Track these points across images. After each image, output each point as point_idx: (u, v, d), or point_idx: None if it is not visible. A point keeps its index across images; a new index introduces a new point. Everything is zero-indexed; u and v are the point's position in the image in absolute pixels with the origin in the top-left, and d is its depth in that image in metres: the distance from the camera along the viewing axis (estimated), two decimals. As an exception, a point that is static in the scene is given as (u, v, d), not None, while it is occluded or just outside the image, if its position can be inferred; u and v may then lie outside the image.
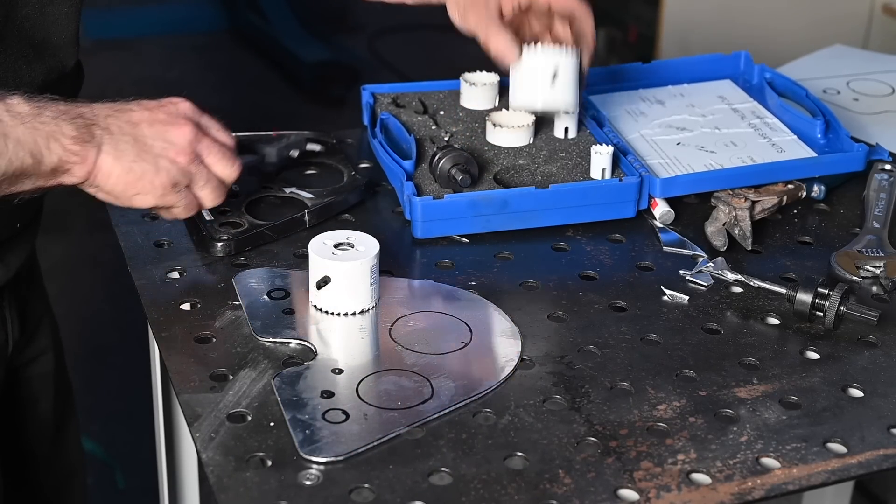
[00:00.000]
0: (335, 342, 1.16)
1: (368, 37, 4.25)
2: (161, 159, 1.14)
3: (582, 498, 0.98)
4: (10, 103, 1.07)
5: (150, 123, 1.14)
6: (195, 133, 1.16)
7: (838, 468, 1.02)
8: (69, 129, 1.09)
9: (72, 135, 1.09)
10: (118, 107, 1.14)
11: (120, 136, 1.12)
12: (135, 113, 1.14)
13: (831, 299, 1.18)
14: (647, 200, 1.37)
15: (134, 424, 2.27)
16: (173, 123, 1.15)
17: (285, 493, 0.97)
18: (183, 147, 1.15)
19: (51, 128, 1.08)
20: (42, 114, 1.08)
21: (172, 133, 1.15)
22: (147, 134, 1.14)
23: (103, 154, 1.11)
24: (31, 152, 1.06)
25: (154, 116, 1.15)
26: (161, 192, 1.15)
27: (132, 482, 2.39)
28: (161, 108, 1.16)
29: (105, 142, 1.11)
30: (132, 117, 1.14)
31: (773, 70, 1.61)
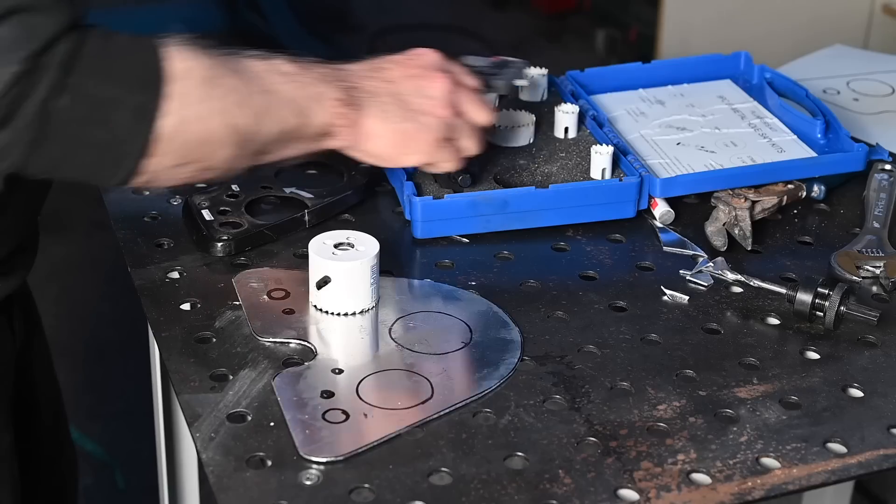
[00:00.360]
0: (335, 342, 1.16)
1: (368, 37, 4.25)
2: (424, 116, 1.14)
3: (582, 498, 0.98)
4: (274, 63, 1.06)
5: (406, 79, 1.14)
6: (451, 83, 1.15)
7: (838, 468, 1.02)
8: (333, 91, 1.09)
9: (337, 97, 1.09)
10: (372, 66, 1.14)
11: (382, 96, 1.12)
12: (390, 71, 1.14)
13: (831, 299, 1.18)
14: (647, 200, 1.37)
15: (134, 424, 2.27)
16: (428, 77, 1.14)
17: (285, 493, 0.97)
18: (442, 100, 1.15)
19: (316, 89, 1.08)
20: (306, 74, 1.07)
21: (429, 87, 1.14)
22: (406, 91, 1.14)
23: (368, 116, 1.11)
24: (300, 111, 1.06)
25: (408, 72, 1.14)
26: (428, 149, 1.16)
27: (132, 482, 2.40)
28: (412, 62, 1.15)
29: (369, 103, 1.11)
30: (389, 75, 1.13)
31: (773, 70, 1.61)
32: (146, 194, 1.38)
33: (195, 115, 1.01)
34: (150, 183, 1.04)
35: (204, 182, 1.08)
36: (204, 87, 1.01)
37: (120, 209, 1.36)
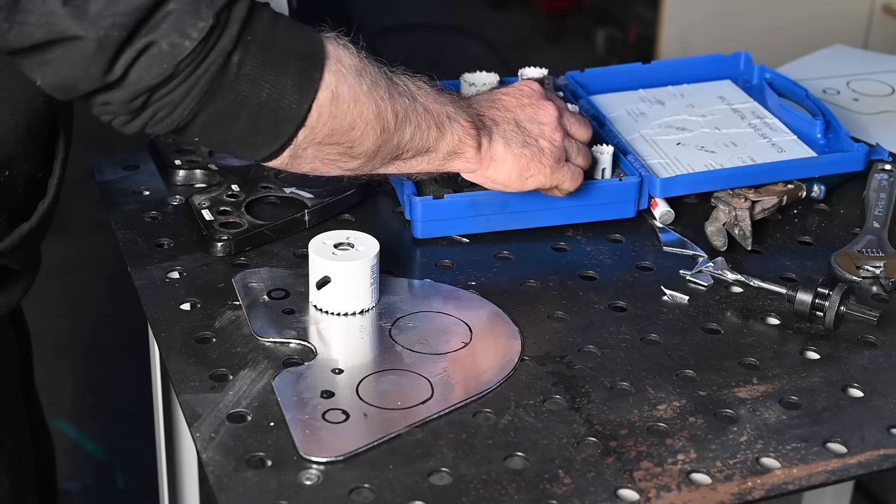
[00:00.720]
0: (335, 342, 1.16)
1: (368, 37, 4.25)
2: (542, 140, 1.21)
3: (582, 498, 0.98)
4: (416, 78, 1.14)
5: (521, 108, 1.21)
6: (558, 110, 1.24)
7: (838, 468, 1.02)
8: (465, 114, 1.16)
9: (468, 120, 1.16)
10: (489, 97, 1.22)
11: (504, 124, 1.20)
12: (505, 100, 1.22)
13: (831, 299, 1.18)
14: (647, 200, 1.37)
15: (134, 424, 2.27)
16: (538, 105, 1.22)
17: (285, 493, 0.97)
18: (554, 125, 1.22)
19: (451, 108, 1.15)
20: (443, 94, 1.15)
21: (541, 114, 1.22)
22: (522, 118, 1.21)
23: (495, 142, 1.18)
24: (436, 124, 1.13)
25: (520, 101, 1.22)
26: (550, 172, 1.21)
27: (132, 482, 2.40)
28: (522, 93, 1.23)
29: (494, 129, 1.19)
30: (506, 104, 1.21)
31: (773, 70, 1.61)
32: (146, 194, 1.38)
33: (349, 94, 1.06)
34: (293, 162, 1.08)
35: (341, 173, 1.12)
36: (355, 74, 1.07)
37: (120, 209, 1.36)
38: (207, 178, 1.40)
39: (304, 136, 1.05)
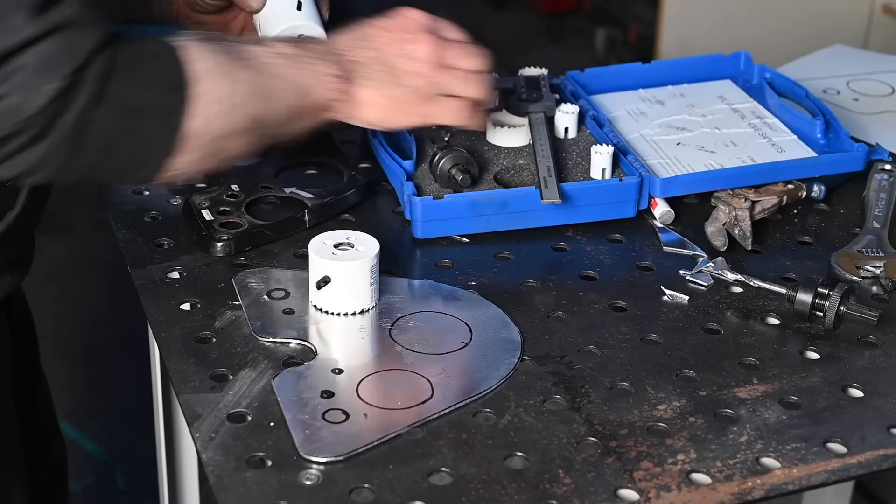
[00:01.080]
0: (335, 342, 1.16)
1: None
2: (411, 76, 1.19)
3: (582, 498, 0.98)
4: (274, 46, 1.13)
5: (395, 43, 1.19)
6: (435, 42, 1.20)
7: (838, 468, 1.02)
8: (329, 67, 1.15)
9: (332, 72, 1.15)
10: (361, 34, 1.20)
11: (371, 65, 1.18)
12: (377, 38, 1.20)
13: (831, 299, 1.18)
14: (647, 200, 1.37)
15: (134, 424, 2.27)
16: (413, 40, 1.20)
17: (285, 493, 0.97)
18: (427, 59, 1.19)
19: (314, 67, 1.14)
20: (303, 55, 1.14)
21: (415, 49, 1.19)
22: (396, 55, 1.19)
23: (362, 87, 1.17)
24: (301, 90, 1.13)
25: (396, 36, 1.20)
26: (420, 110, 1.21)
27: (132, 482, 2.40)
28: (397, 25, 1.21)
29: (361, 74, 1.17)
30: (376, 43, 1.19)
31: (773, 70, 1.61)
32: (146, 194, 1.38)
33: (217, 111, 1.06)
34: (173, 177, 1.08)
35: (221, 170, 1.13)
36: (222, 84, 1.06)
37: (120, 209, 1.36)
38: (207, 178, 1.39)
39: (180, 161, 1.06)
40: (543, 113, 1.43)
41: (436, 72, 1.20)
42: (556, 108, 1.45)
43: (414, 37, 1.20)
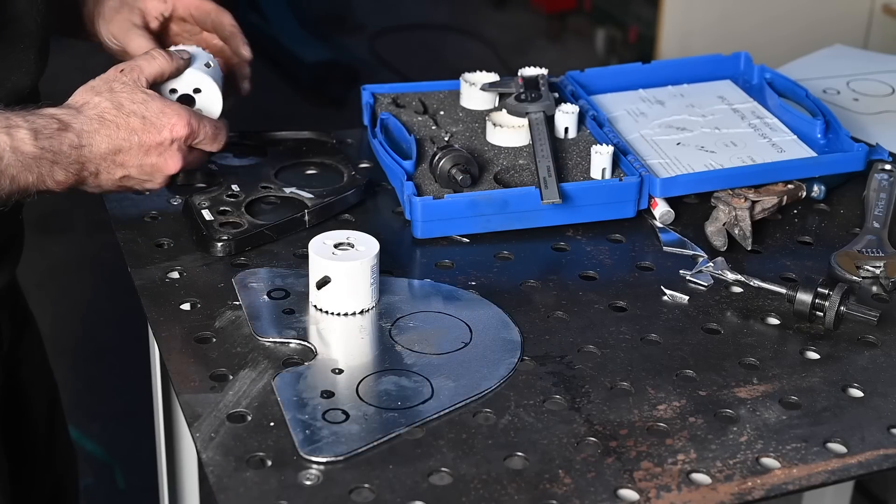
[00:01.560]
0: (335, 342, 1.16)
1: (368, 37, 4.25)
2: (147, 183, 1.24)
3: (582, 498, 0.98)
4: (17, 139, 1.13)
5: (139, 168, 1.21)
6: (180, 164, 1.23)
7: (838, 468, 1.02)
8: (61, 175, 1.16)
9: (60, 180, 1.16)
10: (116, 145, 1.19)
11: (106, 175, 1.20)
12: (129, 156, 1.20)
13: (831, 299, 1.18)
14: (647, 200, 1.37)
15: (134, 424, 2.27)
16: (162, 166, 1.22)
17: (285, 493, 0.97)
18: (163, 181, 1.24)
19: (45, 170, 1.15)
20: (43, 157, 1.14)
21: (158, 175, 1.23)
22: (133, 176, 1.22)
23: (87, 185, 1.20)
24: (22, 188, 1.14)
25: (145, 160, 1.21)
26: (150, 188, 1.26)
27: (132, 482, 2.40)
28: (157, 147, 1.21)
29: (90, 182, 1.20)
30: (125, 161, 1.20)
31: (773, 70, 1.61)
32: (146, 194, 1.38)
33: None
34: None
35: None
36: None
37: (120, 209, 1.36)
38: (207, 179, 1.39)
39: None
40: (543, 113, 1.43)
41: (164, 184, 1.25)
42: (556, 108, 1.45)
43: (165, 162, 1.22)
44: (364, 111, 1.51)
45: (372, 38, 4.24)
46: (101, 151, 1.18)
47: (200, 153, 1.26)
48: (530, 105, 1.44)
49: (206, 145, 1.26)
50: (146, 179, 1.23)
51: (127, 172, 1.21)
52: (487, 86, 1.51)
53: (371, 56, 4.13)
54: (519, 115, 1.45)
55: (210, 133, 1.25)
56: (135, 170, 1.21)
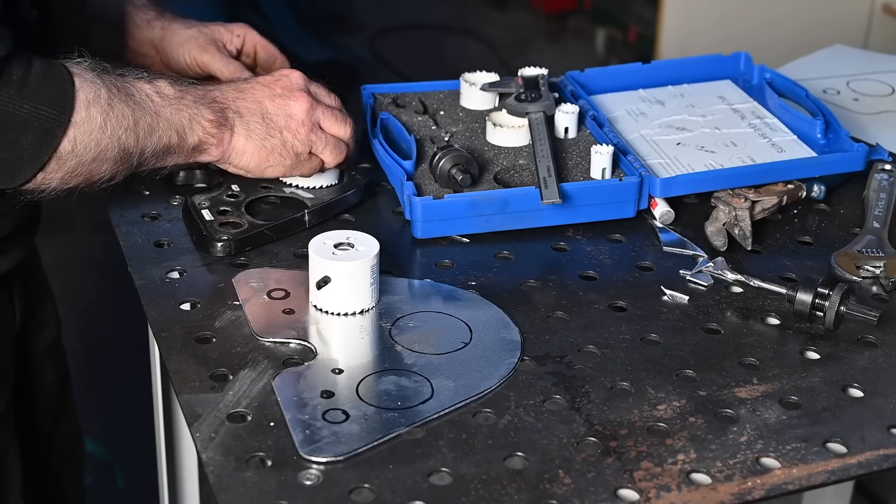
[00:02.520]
0: (335, 342, 1.16)
1: (368, 37, 4.25)
2: (286, 132, 1.27)
3: (582, 498, 0.98)
4: (158, 85, 1.21)
5: (271, 99, 1.28)
6: (310, 102, 1.29)
7: (838, 468, 1.02)
8: (207, 112, 1.23)
9: (210, 118, 1.23)
10: (242, 87, 1.28)
11: (249, 116, 1.26)
12: (257, 91, 1.28)
13: (831, 299, 1.18)
14: (647, 200, 1.37)
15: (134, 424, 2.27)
16: (290, 97, 1.28)
17: (285, 493, 0.97)
18: (302, 119, 1.28)
19: (192, 111, 1.22)
20: (185, 97, 1.22)
21: (292, 106, 1.28)
22: (270, 110, 1.27)
23: (236, 135, 1.25)
24: (178, 131, 1.21)
25: (273, 92, 1.28)
26: (289, 163, 1.29)
27: (132, 482, 2.40)
28: (277, 83, 1.29)
29: (237, 123, 1.25)
30: (255, 96, 1.27)
31: (773, 70, 1.61)
32: (146, 194, 1.38)
33: (93, 140, 1.15)
34: (35, 191, 1.16)
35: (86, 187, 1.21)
36: (102, 116, 1.15)
37: (120, 209, 1.36)
38: (207, 178, 1.40)
39: (46, 177, 1.14)
40: (543, 113, 1.43)
41: (308, 131, 1.29)
42: (556, 108, 1.45)
43: (292, 94, 1.29)
44: (364, 111, 1.51)
45: (372, 38, 4.24)
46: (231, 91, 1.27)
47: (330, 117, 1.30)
48: (530, 105, 1.44)
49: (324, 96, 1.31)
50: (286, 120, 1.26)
51: (265, 110, 1.26)
52: (487, 86, 1.51)
53: (371, 56, 4.13)
54: (519, 115, 1.45)
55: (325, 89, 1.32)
56: (271, 105, 1.26)
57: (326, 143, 1.30)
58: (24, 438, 1.42)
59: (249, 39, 1.49)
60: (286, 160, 1.28)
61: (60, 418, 1.52)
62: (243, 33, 1.49)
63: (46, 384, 1.48)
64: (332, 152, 1.31)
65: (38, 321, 1.45)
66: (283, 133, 1.27)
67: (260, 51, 1.49)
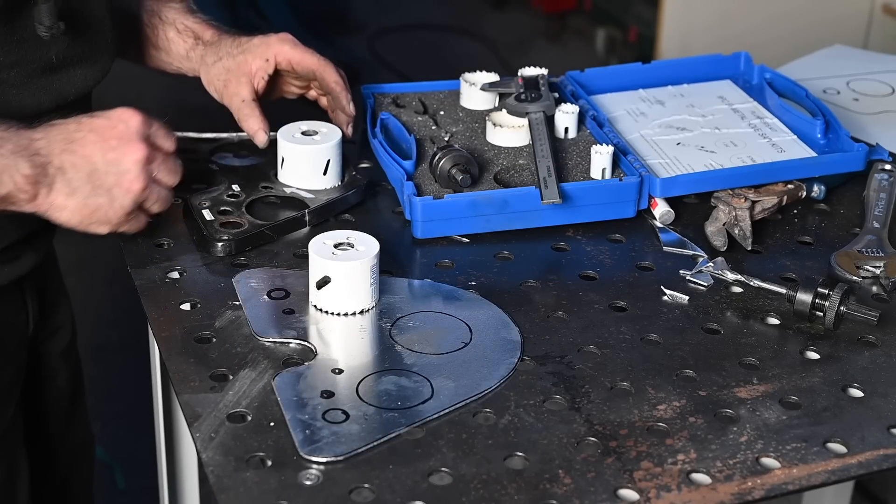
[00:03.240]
0: (335, 342, 1.16)
1: (368, 37, 4.25)
2: (115, 190, 1.17)
3: (582, 498, 0.98)
4: None
5: (103, 153, 1.16)
6: (147, 154, 1.18)
7: (838, 468, 1.02)
8: (25, 166, 1.13)
9: (26, 172, 1.13)
10: (72, 136, 1.16)
11: (73, 172, 1.15)
12: (88, 144, 1.16)
13: (831, 299, 1.18)
14: (647, 200, 1.37)
15: (134, 424, 2.26)
16: (126, 149, 1.16)
17: (285, 493, 0.97)
18: (136, 174, 1.17)
19: (8, 161, 1.12)
20: (4, 145, 1.12)
21: (125, 160, 1.16)
22: (100, 166, 1.16)
23: (56, 192, 1.15)
24: None
25: (106, 145, 1.16)
26: (116, 221, 1.19)
27: (132, 482, 2.39)
28: (113, 132, 1.17)
29: (58, 180, 1.15)
30: (86, 149, 1.15)
31: (773, 70, 1.61)
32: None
33: None
34: None
35: None
36: None
37: (120, 209, 1.36)
38: (208, 178, 1.39)
39: None
40: (543, 113, 1.43)
41: (141, 189, 1.18)
42: (556, 108, 1.45)
43: (126, 146, 1.17)
44: (364, 111, 1.51)
45: (372, 38, 4.24)
46: (59, 141, 1.15)
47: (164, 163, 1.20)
48: (530, 105, 1.44)
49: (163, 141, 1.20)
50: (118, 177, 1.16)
51: (94, 166, 1.15)
52: (487, 86, 1.51)
53: (371, 56, 4.13)
54: (519, 115, 1.45)
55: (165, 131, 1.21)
56: (102, 160, 1.15)
57: (158, 197, 1.20)
58: (33, 443, 1.42)
59: (282, 58, 1.41)
60: (113, 218, 1.18)
61: (72, 423, 1.52)
62: (273, 55, 1.40)
63: (58, 389, 1.48)
64: (161, 204, 1.22)
65: (52, 325, 1.45)
66: (111, 191, 1.16)
67: (296, 67, 1.42)
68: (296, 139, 1.37)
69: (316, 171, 1.36)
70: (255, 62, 1.40)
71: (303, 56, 1.41)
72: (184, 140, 1.45)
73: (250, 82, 1.40)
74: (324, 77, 1.42)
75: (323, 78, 1.42)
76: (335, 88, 1.43)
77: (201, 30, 1.43)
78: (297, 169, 1.37)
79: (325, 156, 1.36)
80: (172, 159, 1.22)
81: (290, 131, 1.38)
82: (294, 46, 1.41)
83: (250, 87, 1.40)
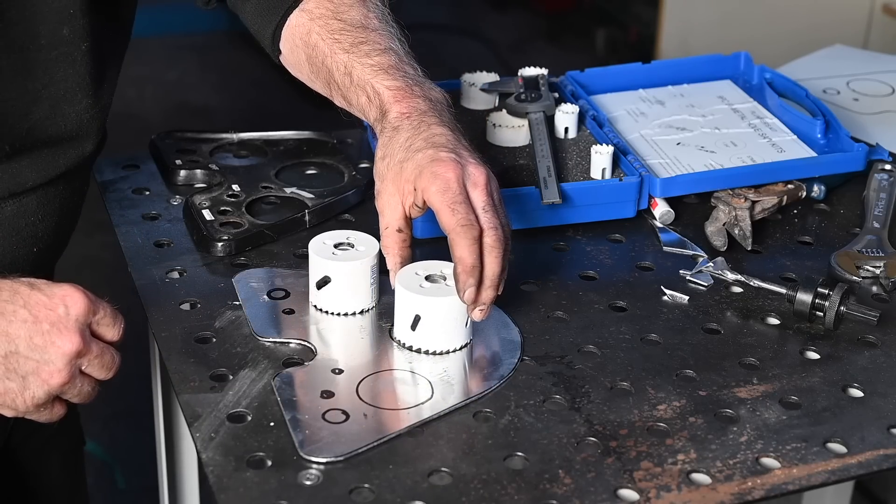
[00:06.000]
0: (335, 342, 1.16)
1: (368, 37, 4.24)
2: (31, 377, 1.04)
3: (582, 498, 0.98)
4: None
5: (29, 336, 1.03)
6: (80, 346, 1.04)
7: (838, 468, 1.02)
8: None
9: None
10: (2, 306, 1.04)
11: None
12: (15, 323, 1.03)
13: (831, 299, 1.18)
14: (647, 200, 1.37)
15: (134, 424, 2.27)
16: (56, 337, 1.04)
17: (285, 493, 0.97)
18: (60, 367, 1.04)
19: None
20: None
21: (52, 350, 1.04)
22: (21, 349, 1.03)
23: None
24: None
25: (38, 328, 1.03)
26: (24, 410, 1.06)
27: (132, 482, 2.39)
28: (48, 316, 1.04)
29: None
30: (11, 328, 1.03)
31: (773, 70, 1.61)
32: (146, 194, 1.38)
33: None
34: None
35: None
36: None
37: (120, 209, 1.36)
38: (208, 178, 1.40)
39: None
40: (543, 113, 1.43)
41: (62, 382, 1.05)
42: (556, 108, 1.45)
43: (60, 334, 1.04)
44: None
45: (372, 38, 4.24)
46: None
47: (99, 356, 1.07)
48: (530, 105, 1.44)
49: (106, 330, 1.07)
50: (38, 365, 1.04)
51: (14, 348, 1.03)
52: (487, 86, 1.52)
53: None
54: (519, 115, 1.45)
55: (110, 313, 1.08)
56: (25, 344, 1.03)
57: (79, 392, 1.08)
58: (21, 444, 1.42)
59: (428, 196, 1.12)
60: (20, 406, 1.05)
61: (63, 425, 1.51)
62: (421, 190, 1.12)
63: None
64: (82, 399, 1.10)
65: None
66: (26, 378, 1.03)
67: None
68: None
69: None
70: (407, 185, 1.14)
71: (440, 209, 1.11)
72: (184, 140, 1.46)
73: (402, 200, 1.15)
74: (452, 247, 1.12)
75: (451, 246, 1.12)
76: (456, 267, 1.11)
77: (389, 102, 1.21)
78: None
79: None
80: (110, 353, 1.08)
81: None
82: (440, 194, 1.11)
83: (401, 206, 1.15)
